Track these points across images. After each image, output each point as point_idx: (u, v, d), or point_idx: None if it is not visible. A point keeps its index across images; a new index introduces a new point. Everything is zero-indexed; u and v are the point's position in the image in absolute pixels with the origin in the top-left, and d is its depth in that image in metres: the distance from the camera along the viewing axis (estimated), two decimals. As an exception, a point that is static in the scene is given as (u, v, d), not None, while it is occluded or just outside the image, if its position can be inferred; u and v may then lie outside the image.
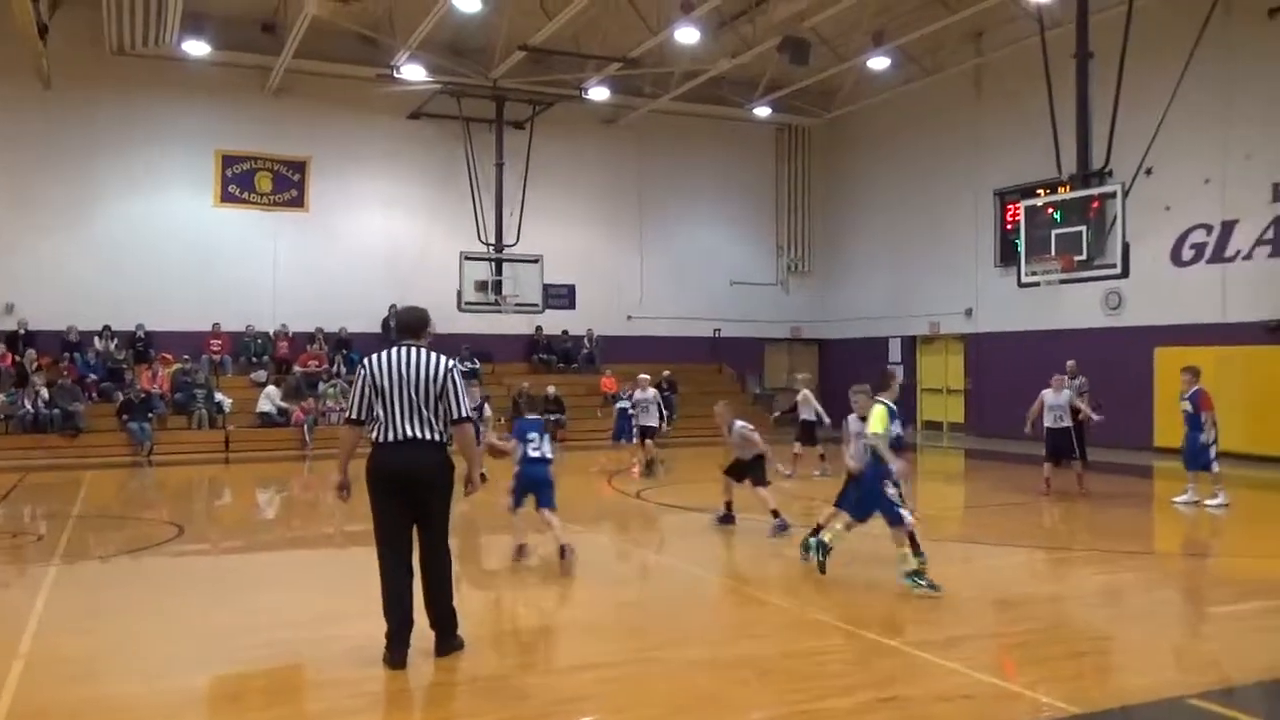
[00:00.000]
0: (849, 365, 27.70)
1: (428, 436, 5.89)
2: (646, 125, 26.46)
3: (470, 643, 6.18)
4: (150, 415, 20.09)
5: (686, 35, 19.89)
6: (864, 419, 8.13)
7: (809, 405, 15.85)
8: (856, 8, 19.91)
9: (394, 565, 5.89)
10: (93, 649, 6.43)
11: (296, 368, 22.75)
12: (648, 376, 17.48)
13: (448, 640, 6.00)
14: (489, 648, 6.46)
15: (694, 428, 23.33)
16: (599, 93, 23.77)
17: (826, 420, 15.41)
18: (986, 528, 12.18)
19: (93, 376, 20.86)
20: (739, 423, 10.72)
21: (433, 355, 6.03)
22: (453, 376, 5.97)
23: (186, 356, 21.81)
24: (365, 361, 6.10)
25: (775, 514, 10.25)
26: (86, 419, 19.81)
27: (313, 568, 9.79)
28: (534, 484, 8.95)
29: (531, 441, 8.94)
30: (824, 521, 8.74)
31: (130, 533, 11.55)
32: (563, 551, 8.59)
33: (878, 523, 7.97)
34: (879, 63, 22.26)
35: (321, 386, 22.23)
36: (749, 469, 10.70)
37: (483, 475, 9.91)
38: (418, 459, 5.87)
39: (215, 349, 22.73)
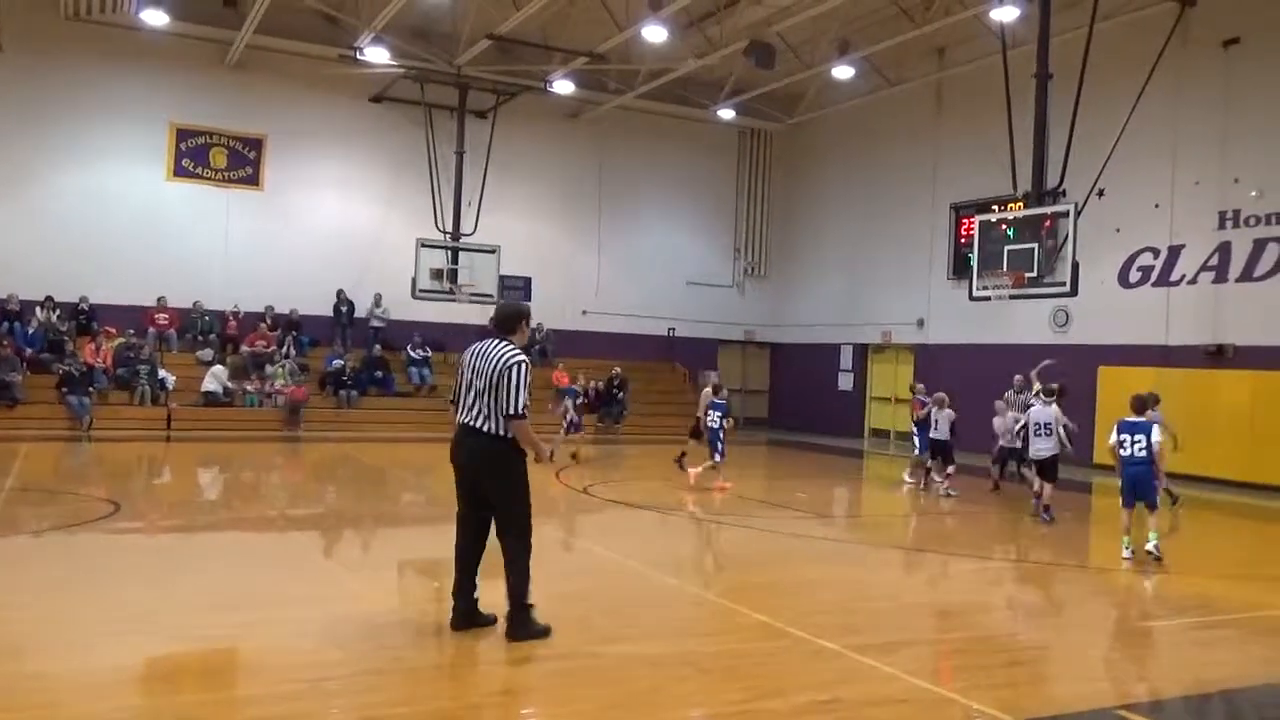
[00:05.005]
0: (801, 370, 27.98)
1: (482, 426, 6.06)
2: (610, 121, 26.42)
3: (411, 631, 6.13)
4: (91, 389, 19.67)
5: (654, 34, 19.87)
6: None
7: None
8: (823, 16, 20.05)
9: (458, 534, 6.31)
10: (20, 625, 6.28)
11: (244, 347, 22.40)
12: (945, 395, 15.34)
13: (513, 626, 6.13)
14: (429, 636, 6.42)
15: (643, 425, 23.42)
16: (564, 86, 23.69)
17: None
18: (930, 536, 12.35)
19: (30, 350, 20.32)
20: None
21: (505, 349, 6.13)
22: (510, 372, 6.01)
23: (131, 331, 21.38)
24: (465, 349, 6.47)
25: None
26: (24, 390, 19.35)
27: (252, 550, 9.63)
28: None
29: None
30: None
31: (65, 508, 11.30)
32: None
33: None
34: (843, 72, 22.44)
35: (270, 368, 21.90)
36: None
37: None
38: (470, 447, 6.12)
39: (161, 324, 22.30)
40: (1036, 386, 14.23)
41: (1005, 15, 17.34)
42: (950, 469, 15.16)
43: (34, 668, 5.47)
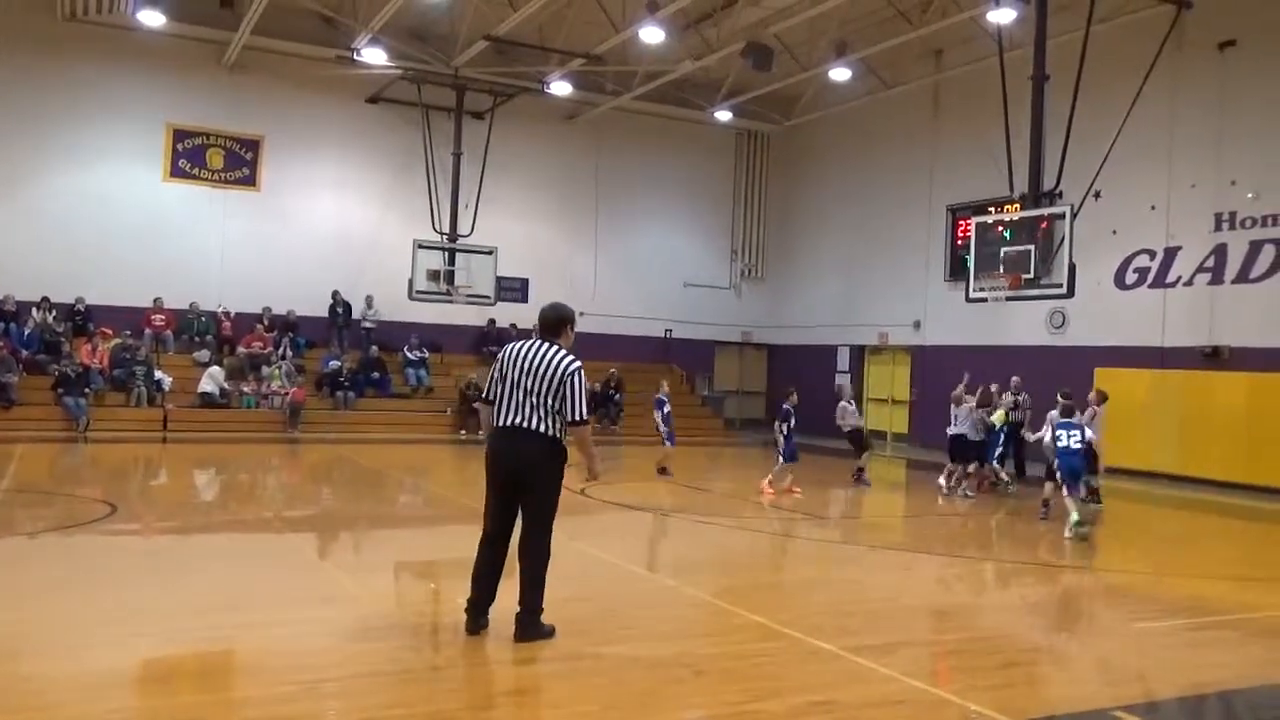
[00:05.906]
0: (798, 372, 27.95)
1: (532, 426, 6.05)
2: (607, 123, 26.42)
3: (408, 633, 6.10)
4: (87, 391, 19.63)
5: (651, 35, 19.88)
6: None
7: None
8: (820, 18, 20.08)
9: (483, 542, 6.22)
10: (16, 627, 6.27)
11: (241, 348, 22.37)
12: (962, 391, 15.45)
13: (523, 628, 6.09)
14: (426, 637, 6.42)
15: (640, 427, 23.37)
16: (561, 87, 23.70)
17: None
18: (927, 537, 12.35)
19: (26, 351, 20.28)
20: None
21: (559, 353, 6.18)
22: (572, 381, 6.09)
23: (128, 332, 21.35)
24: (504, 348, 6.44)
25: None
26: (20, 392, 19.31)
27: (249, 552, 9.61)
28: None
29: None
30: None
31: (61, 509, 11.29)
32: None
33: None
34: (840, 73, 22.45)
35: (266, 369, 21.88)
36: None
37: None
38: (518, 447, 6.07)
39: (158, 325, 22.26)
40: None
41: (1002, 17, 17.38)
42: (972, 468, 15.05)
43: (30, 669, 5.47)
